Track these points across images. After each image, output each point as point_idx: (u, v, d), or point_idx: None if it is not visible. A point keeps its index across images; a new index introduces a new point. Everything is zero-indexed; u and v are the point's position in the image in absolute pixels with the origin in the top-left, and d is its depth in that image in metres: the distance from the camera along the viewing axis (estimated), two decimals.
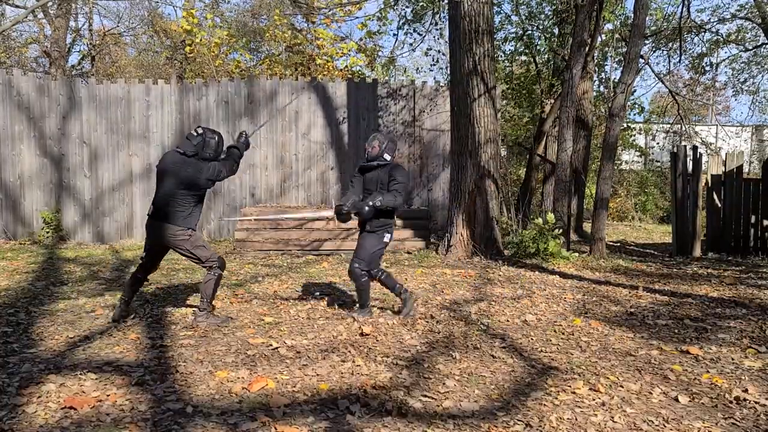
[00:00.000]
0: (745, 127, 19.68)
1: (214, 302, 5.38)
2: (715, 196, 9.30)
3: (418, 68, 18.59)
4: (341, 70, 16.05)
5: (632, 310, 5.40)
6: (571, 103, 8.73)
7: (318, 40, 15.98)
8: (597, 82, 14.10)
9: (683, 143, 14.01)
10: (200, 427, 2.88)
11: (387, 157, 4.88)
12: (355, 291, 5.15)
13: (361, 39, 16.22)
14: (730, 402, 3.31)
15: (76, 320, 4.84)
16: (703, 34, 14.36)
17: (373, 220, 4.85)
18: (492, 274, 7.14)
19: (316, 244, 9.08)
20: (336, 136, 10.96)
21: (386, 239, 4.93)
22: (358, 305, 5.11)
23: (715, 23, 14.14)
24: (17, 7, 15.72)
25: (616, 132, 8.84)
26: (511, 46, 14.09)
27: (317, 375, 3.61)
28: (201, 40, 14.97)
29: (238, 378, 3.54)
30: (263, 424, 2.91)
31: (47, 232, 9.93)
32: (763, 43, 14.35)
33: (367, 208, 4.75)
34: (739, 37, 14.35)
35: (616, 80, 11.58)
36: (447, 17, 9.21)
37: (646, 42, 13.00)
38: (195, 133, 4.59)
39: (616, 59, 14.29)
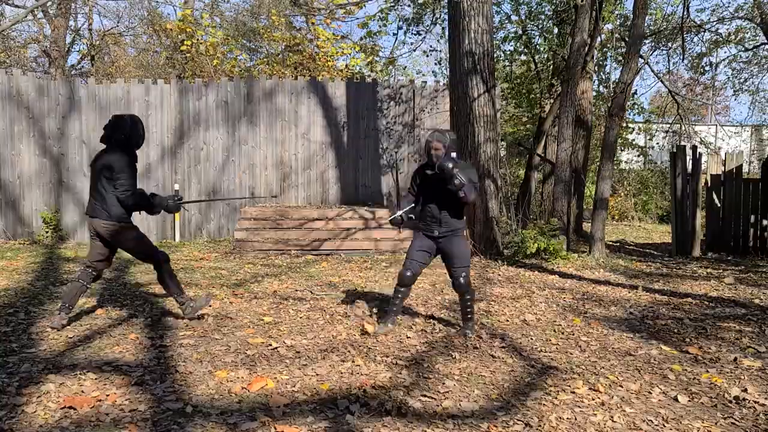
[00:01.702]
0: (745, 126, 19.68)
1: (212, 302, 5.39)
2: (714, 196, 9.30)
3: (418, 70, 18.64)
4: (341, 70, 16.04)
5: (632, 310, 5.41)
6: (571, 103, 8.74)
7: (318, 40, 15.96)
8: (597, 82, 14.10)
9: (683, 143, 14.01)
10: (200, 426, 2.88)
11: (454, 155, 4.34)
12: (459, 308, 4.49)
13: (361, 39, 16.21)
14: (730, 402, 3.31)
15: (76, 320, 4.84)
16: (702, 33, 14.35)
17: (454, 221, 4.42)
18: (491, 274, 7.14)
19: (315, 244, 9.08)
20: (335, 136, 10.96)
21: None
22: (466, 320, 4.56)
23: (714, 23, 14.13)
24: (17, 7, 15.72)
25: (615, 132, 8.84)
26: (511, 45, 14.09)
27: (317, 375, 3.61)
28: (198, 40, 14.94)
29: (238, 378, 3.54)
30: (263, 424, 2.91)
31: (47, 232, 9.92)
32: (762, 43, 14.35)
33: (450, 164, 4.14)
34: (739, 37, 14.34)
35: (616, 80, 11.58)
36: (447, 17, 9.21)
37: (646, 42, 13.01)
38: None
39: (617, 59, 14.28)
